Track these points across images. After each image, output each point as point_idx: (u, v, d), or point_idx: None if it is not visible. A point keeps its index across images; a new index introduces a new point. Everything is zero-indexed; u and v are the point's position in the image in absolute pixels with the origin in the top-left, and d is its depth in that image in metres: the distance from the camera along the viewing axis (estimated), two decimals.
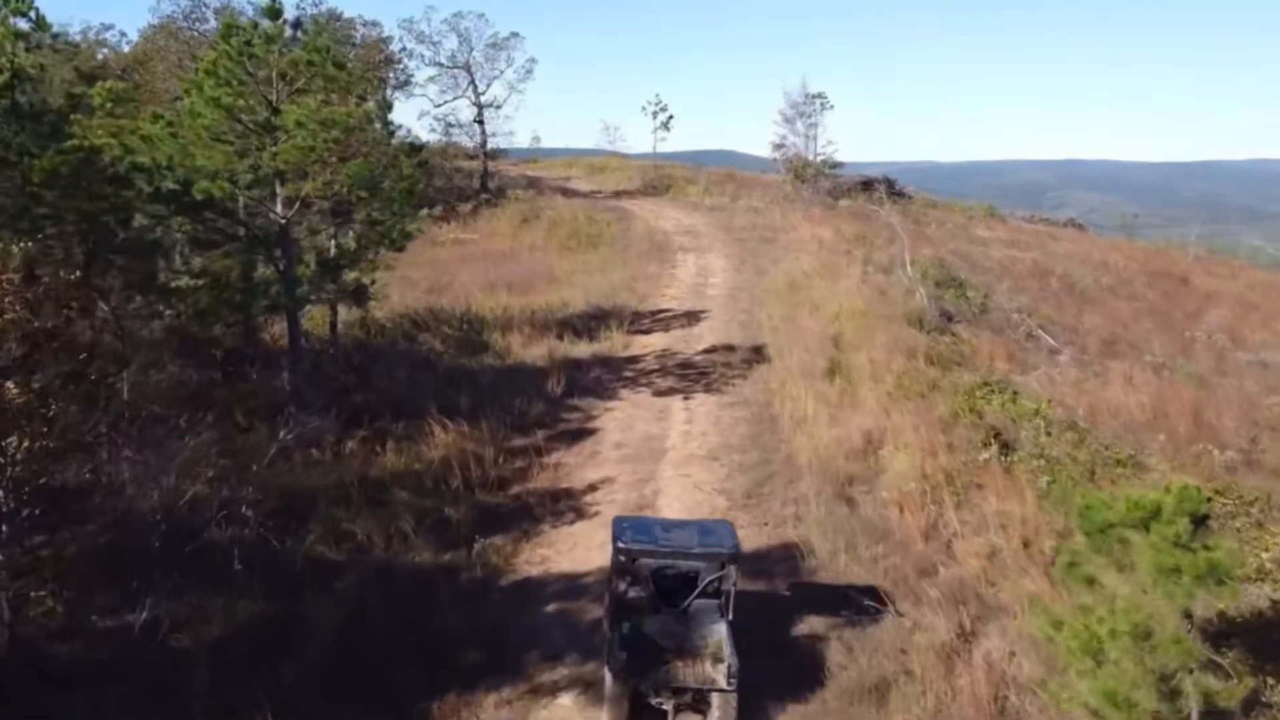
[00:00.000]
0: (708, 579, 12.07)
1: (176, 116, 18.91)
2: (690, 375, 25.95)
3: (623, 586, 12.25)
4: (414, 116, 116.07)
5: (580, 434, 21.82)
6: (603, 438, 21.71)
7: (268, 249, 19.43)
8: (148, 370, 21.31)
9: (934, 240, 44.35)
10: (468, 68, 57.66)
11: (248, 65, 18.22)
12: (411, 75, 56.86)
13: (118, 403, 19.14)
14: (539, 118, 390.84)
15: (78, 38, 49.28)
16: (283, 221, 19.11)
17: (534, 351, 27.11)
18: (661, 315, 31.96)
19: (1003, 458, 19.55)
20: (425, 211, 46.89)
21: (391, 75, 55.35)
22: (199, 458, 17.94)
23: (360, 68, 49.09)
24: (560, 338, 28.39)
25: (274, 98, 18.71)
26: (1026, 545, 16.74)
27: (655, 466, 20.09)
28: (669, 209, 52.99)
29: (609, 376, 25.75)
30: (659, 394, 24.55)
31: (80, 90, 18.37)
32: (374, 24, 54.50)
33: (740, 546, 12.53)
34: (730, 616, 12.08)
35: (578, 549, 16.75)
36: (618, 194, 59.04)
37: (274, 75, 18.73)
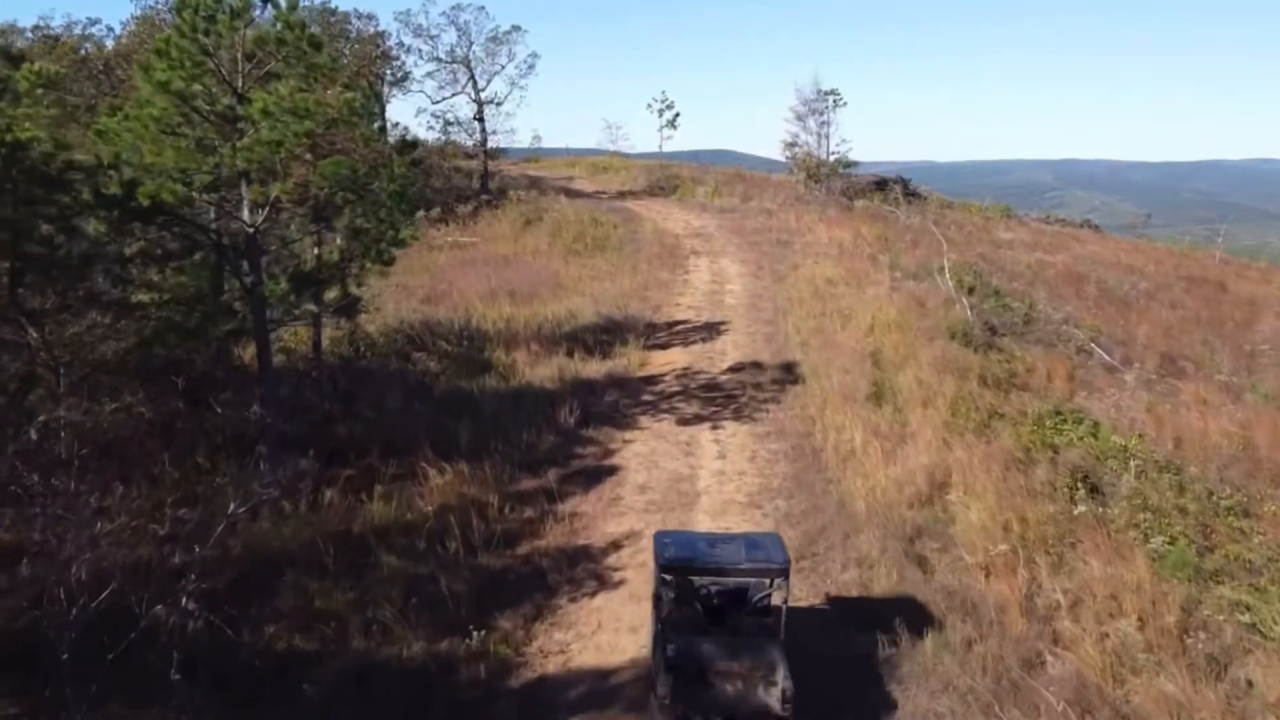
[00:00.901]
0: (757, 596, 11.38)
1: (136, 108, 15.57)
2: (717, 399, 22.64)
3: (666, 606, 11.25)
4: (411, 114, 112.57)
5: (598, 474, 18.49)
6: (624, 478, 18.38)
7: (233, 262, 16.09)
8: (101, 400, 18.05)
9: (957, 243, 41.02)
10: (467, 63, 54.08)
11: (206, 44, 14.87)
12: (409, 71, 53.32)
13: (57, 445, 15.90)
14: (539, 117, 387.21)
15: (60, 30, 45.90)
16: (250, 230, 15.75)
17: (541, 371, 23.79)
18: (678, 327, 28.63)
19: (1096, 507, 16.30)
20: (422, 213, 43.79)
21: (388, 71, 51.83)
22: (146, 512, 14.68)
23: (355, 64, 45.76)
24: (570, 354, 25.08)
25: (238, 83, 15.35)
26: (1143, 623, 13.49)
27: (687, 516, 16.77)
28: (677, 210, 49.60)
29: (626, 401, 22.42)
30: (683, 422, 21.23)
31: (3, 73, 14.99)
32: (369, 17, 50.89)
33: (790, 560, 11.39)
34: (783, 636, 11.12)
35: (603, 632, 13.44)
36: (622, 194, 55.63)
37: (238, 56, 15.36)
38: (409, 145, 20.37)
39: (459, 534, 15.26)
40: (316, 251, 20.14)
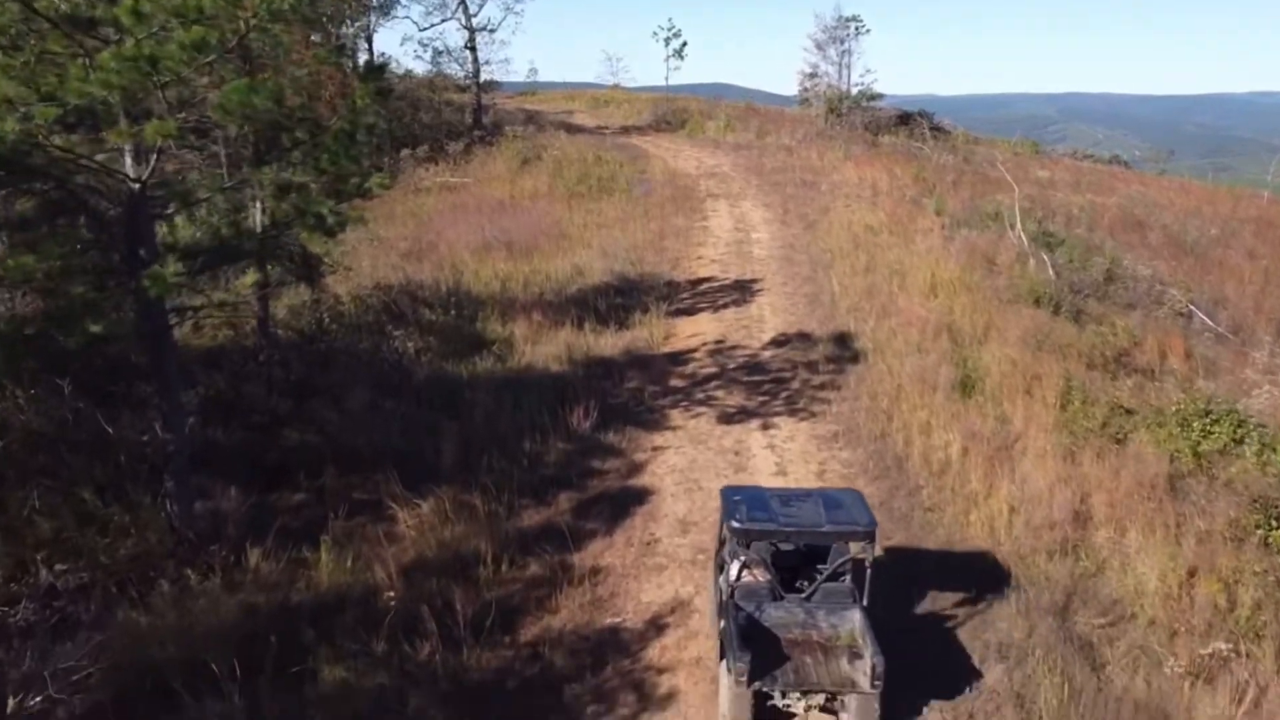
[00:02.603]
0: (839, 560, 9.73)
1: None
2: (763, 385, 17.65)
3: (736, 571, 9.59)
4: (397, 42, 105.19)
5: (623, 501, 13.56)
6: (657, 507, 13.45)
7: (110, 231, 10.95)
8: None
9: (1001, 185, 35.67)
10: None
11: None
12: None
13: None
14: (535, 48, 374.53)
15: None
16: (135, 186, 10.61)
17: (545, 349, 18.73)
18: (704, 287, 23.52)
19: None
20: (408, 152, 38.31)
21: None
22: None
23: None
24: (578, 324, 20.01)
25: None
26: None
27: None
28: (687, 147, 44.00)
29: (652, 388, 17.40)
30: (725, 418, 16.26)
31: None
32: None
33: (876, 521, 9.61)
34: (865, 602, 9.45)
35: None
36: (626, 130, 49.89)
37: None
38: (375, 71, 14.99)
39: (435, 619, 10.34)
40: (254, 214, 14.93)
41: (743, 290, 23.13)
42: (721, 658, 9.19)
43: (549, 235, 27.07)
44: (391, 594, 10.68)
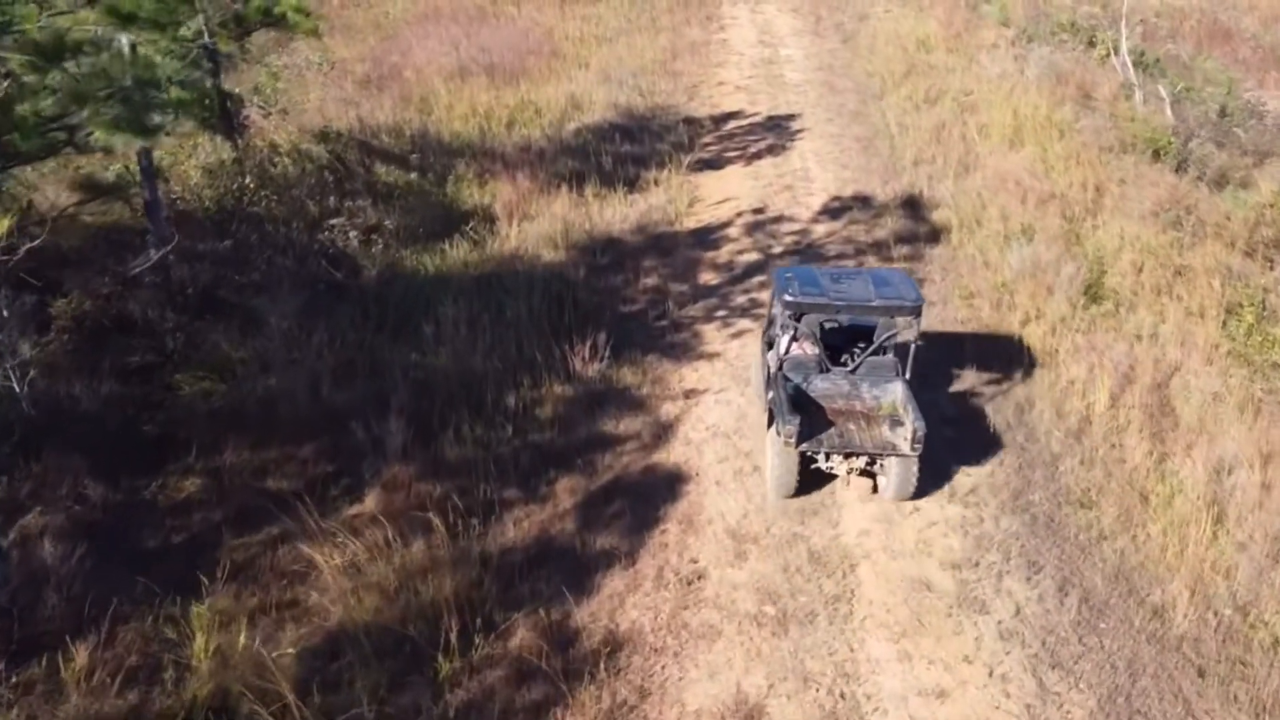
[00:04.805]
0: (885, 335, 9.50)
1: None
2: None
3: (786, 344, 9.20)
4: None
5: (648, 493, 9.11)
6: (698, 503, 8.99)
7: None
8: None
9: None
10: None
11: None
12: None
13: None
14: None
15: None
16: None
17: (536, 227, 13.78)
18: (730, 126, 18.26)
19: None
20: None
21: None
22: None
23: None
24: (578, 186, 15.00)
25: None
26: None
27: (849, 648, 7.62)
28: None
29: (678, 288, 12.65)
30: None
31: None
32: None
33: (923, 298, 9.24)
34: (908, 376, 9.10)
35: None
36: None
37: None
38: None
39: None
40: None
41: (779, 131, 17.91)
42: (769, 425, 9.10)
43: (538, 54, 21.35)
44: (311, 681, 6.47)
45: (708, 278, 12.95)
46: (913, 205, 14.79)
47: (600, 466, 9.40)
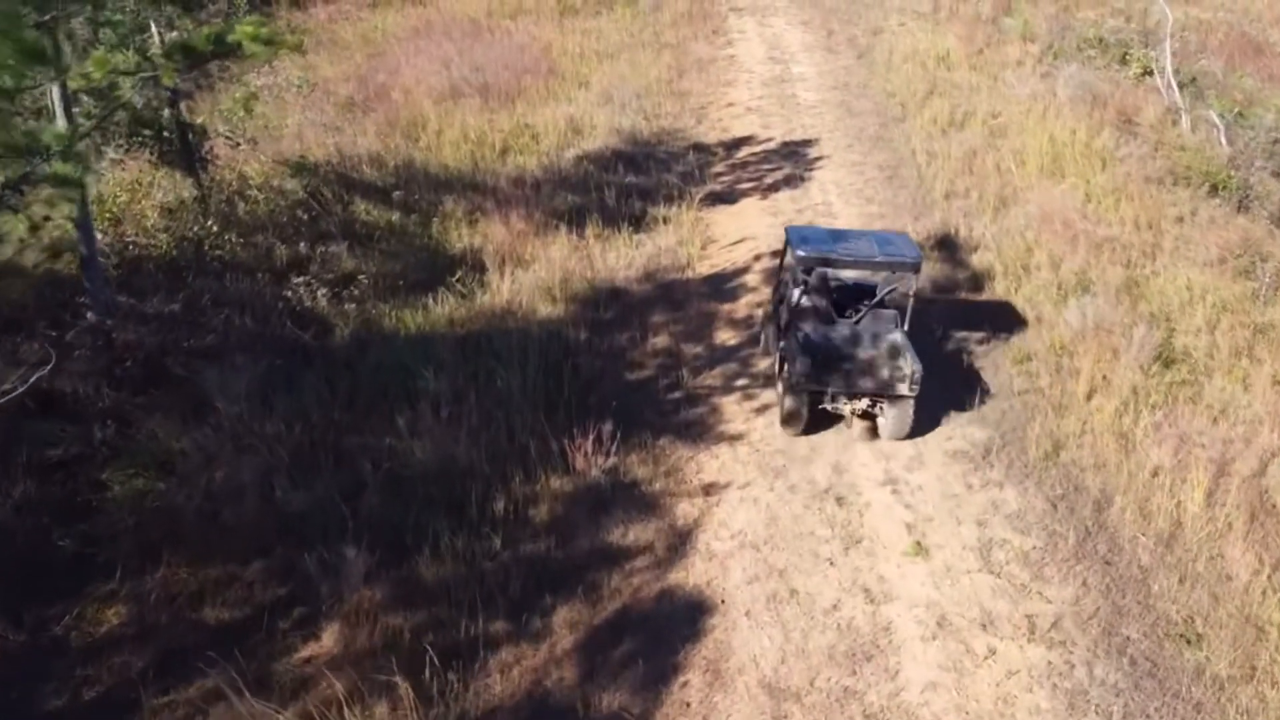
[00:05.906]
0: (886, 289, 10.16)
1: None
2: None
3: (796, 296, 9.85)
4: None
5: (664, 627, 7.36)
6: (726, 645, 7.25)
7: None
8: None
9: None
10: None
11: None
12: None
13: None
14: None
15: None
16: None
17: (533, 274, 12.03)
18: (742, 153, 16.55)
19: None
20: None
21: None
22: None
23: None
24: (578, 226, 13.29)
25: None
26: None
27: None
28: None
29: (693, 349, 10.94)
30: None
31: None
32: None
33: (922, 256, 10.00)
34: (906, 327, 9.80)
35: None
36: None
37: None
38: None
39: None
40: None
41: (795, 159, 16.19)
42: (781, 369, 9.85)
43: (535, 72, 19.61)
44: None
45: (725, 336, 11.24)
46: (949, 247, 13.10)
47: (606, 590, 7.69)
